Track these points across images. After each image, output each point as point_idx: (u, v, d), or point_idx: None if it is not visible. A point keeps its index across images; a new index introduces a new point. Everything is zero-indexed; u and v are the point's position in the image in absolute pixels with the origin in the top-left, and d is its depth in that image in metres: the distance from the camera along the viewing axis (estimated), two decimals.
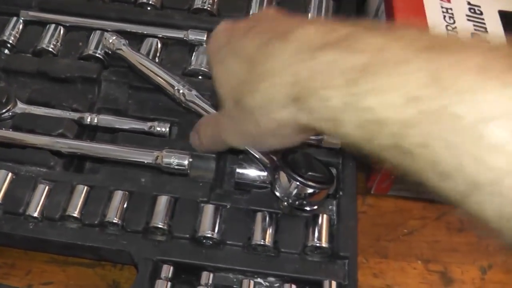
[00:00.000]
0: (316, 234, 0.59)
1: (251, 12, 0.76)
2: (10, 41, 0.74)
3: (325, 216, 0.61)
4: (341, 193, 0.63)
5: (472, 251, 0.66)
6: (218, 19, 0.74)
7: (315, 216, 0.60)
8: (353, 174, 0.64)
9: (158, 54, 0.72)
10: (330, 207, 0.62)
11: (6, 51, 0.75)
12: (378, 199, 0.69)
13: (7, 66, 0.72)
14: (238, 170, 0.63)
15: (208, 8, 0.76)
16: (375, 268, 0.64)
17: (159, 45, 0.73)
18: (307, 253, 0.59)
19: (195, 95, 0.63)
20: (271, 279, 0.58)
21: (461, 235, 0.67)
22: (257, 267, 0.58)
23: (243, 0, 0.78)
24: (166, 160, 0.62)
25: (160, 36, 0.74)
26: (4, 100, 0.68)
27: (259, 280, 0.58)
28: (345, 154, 0.65)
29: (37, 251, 0.63)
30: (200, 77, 0.71)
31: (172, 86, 0.64)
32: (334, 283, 0.57)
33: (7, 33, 0.74)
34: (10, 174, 0.62)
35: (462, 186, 0.34)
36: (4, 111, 0.68)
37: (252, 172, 0.62)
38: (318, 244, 0.58)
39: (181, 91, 0.64)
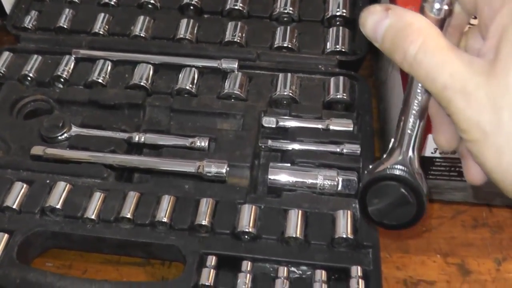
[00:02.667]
0: (342, 227, 0.66)
1: (275, 43, 0.85)
2: (64, 76, 0.84)
3: (349, 212, 0.67)
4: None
5: (487, 245, 0.72)
6: (247, 49, 0.84)
7: (340, 213, 0.67)
8: None
9: (195, 81, 0.82)
10: (353, 205, 0.69)
11: (60, 85, 0.84)
12: None
13: (61, 97, 0.82)
14: (270, 176, 0.70)
15: (238, 40, 0.86)
16: (398, 262, 0.71)
17: (196, 74, 0.82)
18: (334, 245, 0.66)
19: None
20: (303, 267, 0.65)
21: (475, 232, 0.73)
22: (291, 257, 0.65)
23: (268, 33, 0.87)
24: (206, 169, 0.70)
25: (197, 65, 0.83)
26: (60, 125, 0.77)
27: (292, 269, 0.65)
28: (365, 159, 0.72)
29: (93, 252, 0.71)
30: (233, 99, 0.80)
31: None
32: (360, 269, 0.63)
33: (61, 69, 0.85)
34: (68, 185, 0.71)
35: None
36: (60, 134, 0.77)
37: (283, 178, 0.70)
38: (344, 236, 0.65)
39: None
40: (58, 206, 0.69)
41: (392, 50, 0.39)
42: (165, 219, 0.67)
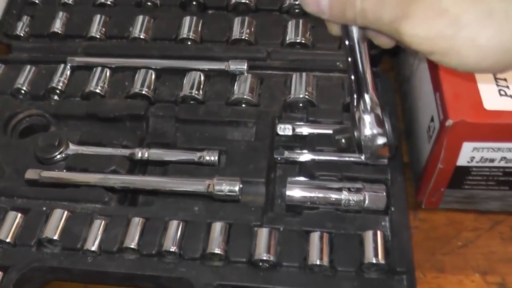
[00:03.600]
0: (372, 250, 0.59)
1: (287, 39, 0.78)
2: (59, 87, 0.77)
3: (379, 232, 0.60)
4: (392, 208, 0.63)
5: None
6: (256, 48, 0.77)
7: (369, 234, 0.60)
8: (403, 189, 0.64)
9: (201, 86, 0.74)
10: (383, 223, 0.62)
11: (56, 97, 0.78)
12: (429, 213, 0.69)
13: (57, 111, 0.76)
14: (288, 192, 0.63)
15: (246, 38, 0.78)
16: (433, 282, 0.64)
17: (202, 78, 0.75)
18: (363, 270, 0.59)
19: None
20: None
21: None
22: (315, 287, 0.58)
23: (278, 27, 0.80)
24: (217, 187, 0.63)
25: (202, 69, 0.76)
26: (56, 144, 0.71)
27: None
28: (393, 169, 0.65)
29: (97, 284, 0.64)
30: (243, 105, 0.73)
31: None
32: None
33: (55, 80, 0.78)
34: (66, 212, 0.65)
35: None
36: (57, 153, 0.70)
37: (302, 194, 0.63)
38: (374, 261, 0.58)
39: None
40: (56, 237, 0.63)
41: (342, 12, 0.45)
42: (173, 248, 0.60)
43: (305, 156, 0.67)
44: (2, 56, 0.85)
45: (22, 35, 0.86)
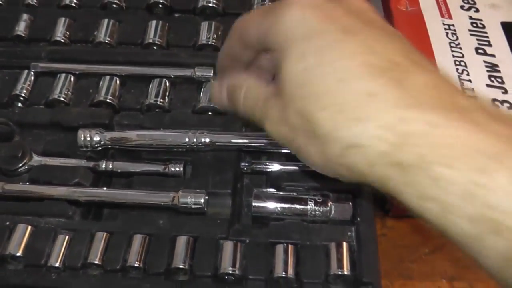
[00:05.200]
0: (337, 262, 0.59)
1: None
2: (23, 94, 0.76)
3: (344, 243, 0.60)
4: (358, 219, 0.62)
5: None
6: None
7: (335, 245, 0.60)
8: (369, 199, 0.64)
9: (167, 94, 0.73)
10: (349, 233, 0.62)
11: (20, 104, 0.76)
12: (397, 221, 0.69)
13: (21, 119, 0.74)
14: (254, 203, 0.63)
15: (213, 43, 0.77)
16: None
17: (168, 85, 0.74)
18: (330, 281, 0.59)
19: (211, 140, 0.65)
20: None
21: None
22: None
23: None
24: (182, 200, 0.62)
25: (168, 75, 0.74)
26: (20, 155, 0.69)
27: None
28: None
29: None
30: (210, 113, 0.72)
31: (184, 142, 0.65)
32: None
33: (19, 86, 0.76)
34: (29, 227, 0.63)
35: None
36: (20, 165, 0.69)
37: (269, 205, 0.63)
38: (340, 272, 0.58)
39: (195, 141, 0.65)
40: (19, 254, 0.61)
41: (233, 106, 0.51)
42: (137, 263, 0.59)
43: (272, 166, 0.66)
44: None
45: None
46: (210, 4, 0.81)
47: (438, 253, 0.66)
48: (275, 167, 0.66)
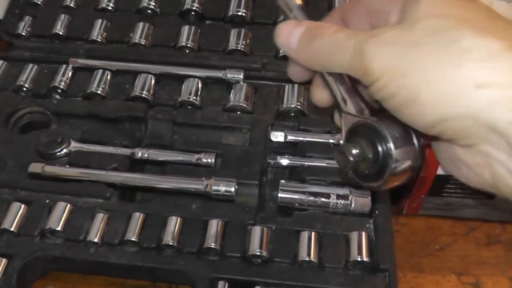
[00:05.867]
0: (357, 249, 0.63)
1: (281, 52, 0.82)
2: (61, 87, 0.81)
3: (363, 233, 0.65)
4: (377, 212, 0.67)
5: (501, 263, 0.70)
6: (251, 58, 0.81)
7: (355, 234, 0.65)
8: (386, 194, 0.69)
9: (199, 93, 0.78)
10: (367, 225, 0.67)
11: (57, 96, 0.81)
12: (410, 218, 0.74)
13: (59, 110, 0.79)
14: (280, 194, 0.67)
15: (242, 49, 0.83)
16: (412, 281, 0.69)
17: (200, 85, 0.79)
18: (349, 267, 0.63)
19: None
20: None
21: (489, 249, 0.71)
22: (305, 282, 0.62)
23: (273, 40, 0.84)
24: (214, 187, 0.67)
25: (200, 76, 0.80)
26: (59, 140, 0.74)
27: None
28: None
29: (97, 275, 0.68)
30: (238, 112, 0.77)
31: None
32: None
33: (58, 79, 0.81)
34: (68, 205, 0.68)
35: None
36: (59, 150, 0.73)
37: (293, 196, 0.67)
38: (359, 259, 0.63)
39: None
40: (59, 228, 0.66)
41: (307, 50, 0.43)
42: (172, 242, 0.64)
43: (297, 162, 0.71)
44: (2, 53, 0.88)
45: (23, 34, 0.89)
46: (239, 13, 0.86)
47: (448, 250, 0.71)
48: (298, 162, 0.71)
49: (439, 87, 0.35)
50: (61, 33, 0.87)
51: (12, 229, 0.67)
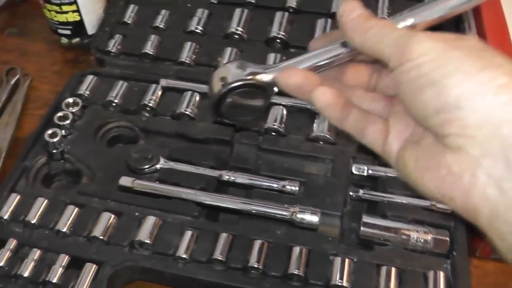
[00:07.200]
0: None
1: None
2: (150, 105, 0.84)
3: (442, 273, 0.67)
4: (454, 253, 0.69)
5: None
6: None
7: (433, 273, 0.67)
8: (464, 236, 0.71)
9: (283, 120, 0.81)
10: (445, 265, 0.68)
11: (146, 114, 0.85)
12: (482, 261, 0.75)
13: (147, 127, 0.83)
14: (363, 228, 0.70)
15: None
16: None
17: (284, 112, 0.82)
18: None
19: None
20: None
21: None
22: None
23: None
24: (299, 215, 0.70)
25: (285, 104, 0.83)
26: (150, 156, 0.77)
27: None
28: (456, 218, 0.71)
29: None
30: (321, 142, 0.79)
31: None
32: None
33: (147, 98, 0.85)
34: (158, 220, 0.71)
35: None
36: (149, 166, 0.77)
37: (376, 230, 0.69)
38: None
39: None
40: (148, 241, 0.69)
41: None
42: (258, 265, 0.66)
43: (378, 197, 0.73)
44: (94, 69, 0.93)
45: (113, 51, 0.93)
46: None
47: None
48: (380, 197, 0.73)
49: (465, 79, 0.40)
50: (150, 52, 0.91)
51: (102, 237, 0.70)
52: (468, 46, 0.42)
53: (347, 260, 0.67)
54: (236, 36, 0.93)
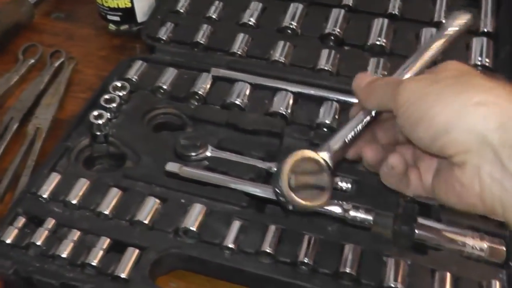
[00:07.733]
0: None
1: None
2: (200, 93, 0.83)
3: (498, 283, 0.64)
4: (510, 263, 0.66)
5: None
6: None
7: (490, 282, 0.64)
8: None
9: (336, 116, 0.79)
10: (500, 275, 0.65)
11: (195, 102, 0.83)
12: None
13: (196, 115, 0.81)
14: (417, 231, 0.67)
15: (382, 74, 0.83)
16: None
17: (338, 108, 0.80)
18: None
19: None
20: None
21: None
22: None
23: None
24: (352, 213, 0.67)
25: (338, 99, 0.80)
26: (198, 144, 0.75)
27: None
28: None
29: (222, 280, 0.68)
30: None
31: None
32: None
33: (198, 85, 0.83)
34: (205, 208, 0.69)
35: None
36: (197, 153, 0.75)
37: (430, 234, 0.66)
38: None
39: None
40: (194, 229, 0.67)
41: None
42: (308, 260, 0.64)
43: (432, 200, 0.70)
44: (143, 55, 0.91)
45: (164, 39, 0.92)
46: (379, 43, 0.87)
47: None
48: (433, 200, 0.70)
49: (446, 106, 0.47)
50: (202, 42, 0.90)
51: (146, 222, 0.68)
52: (446, 77, 0.50)
53: (402, 262, 0.64)
54: (289, 31, 0.91)
